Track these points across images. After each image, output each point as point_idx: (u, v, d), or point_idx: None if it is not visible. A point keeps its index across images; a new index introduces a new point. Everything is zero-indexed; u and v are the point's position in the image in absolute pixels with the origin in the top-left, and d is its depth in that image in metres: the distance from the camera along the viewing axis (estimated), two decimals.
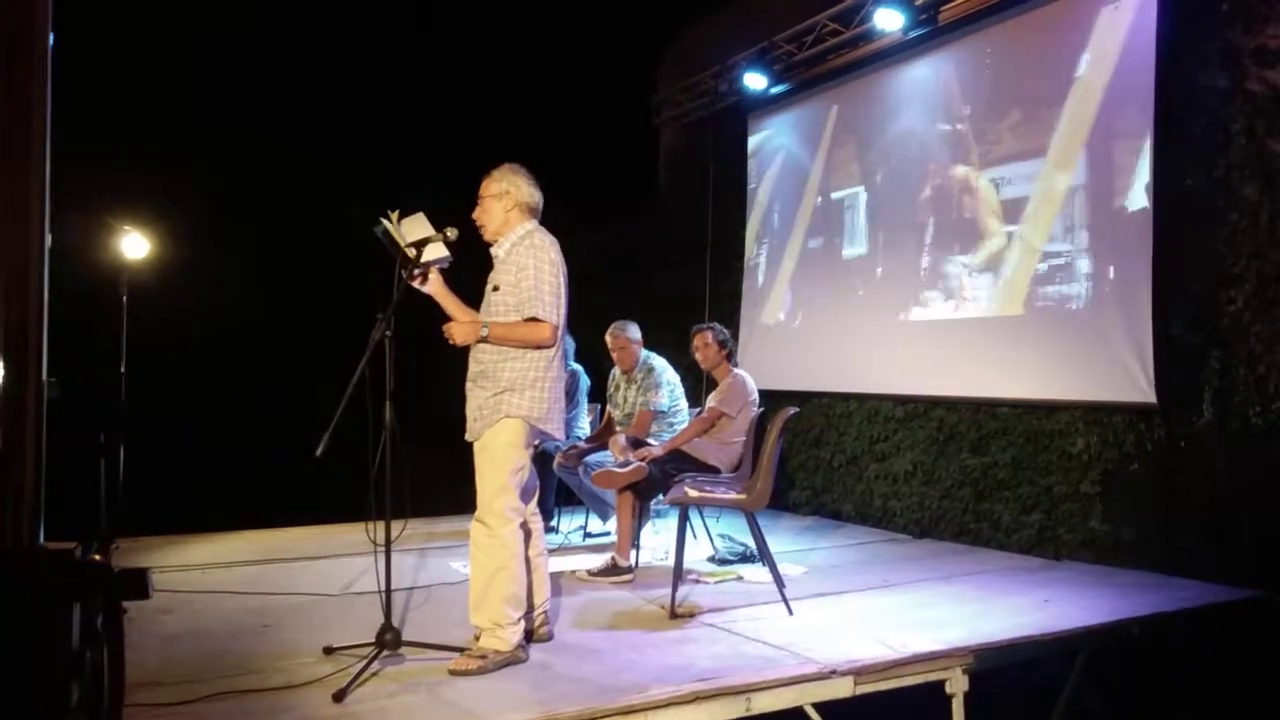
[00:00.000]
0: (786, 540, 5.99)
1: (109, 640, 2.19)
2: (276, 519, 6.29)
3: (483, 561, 3.45)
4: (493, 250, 3.66)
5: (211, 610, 4.23)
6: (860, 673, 3.32)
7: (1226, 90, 4.68)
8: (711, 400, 5.17)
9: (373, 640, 3.39)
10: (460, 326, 3.51)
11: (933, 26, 6.17)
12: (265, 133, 6.72)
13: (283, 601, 4.39)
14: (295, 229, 6.78)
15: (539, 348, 3.51)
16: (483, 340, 3.49)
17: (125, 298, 5.54)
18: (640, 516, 5.12)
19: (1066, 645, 3.82)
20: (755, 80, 7.39)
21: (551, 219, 3.72)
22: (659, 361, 5.63)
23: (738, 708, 3.11)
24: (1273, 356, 4.47)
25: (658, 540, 5.70)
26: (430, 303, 3.67)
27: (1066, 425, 5.35)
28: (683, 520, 4.47)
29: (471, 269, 3.76)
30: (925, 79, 6.35)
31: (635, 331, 5.67)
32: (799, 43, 7.15)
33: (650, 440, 5.24)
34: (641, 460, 4.93)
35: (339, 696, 3.03)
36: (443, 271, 3.65)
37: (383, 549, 3.43)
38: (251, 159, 6.65)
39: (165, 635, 3.80)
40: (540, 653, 3.56)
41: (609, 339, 5.69)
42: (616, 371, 5.78)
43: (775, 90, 7.49)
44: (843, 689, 3.29)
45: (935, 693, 3.49)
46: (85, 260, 5.48)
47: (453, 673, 3.30)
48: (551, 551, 4.26)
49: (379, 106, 7.17)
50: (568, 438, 5.48)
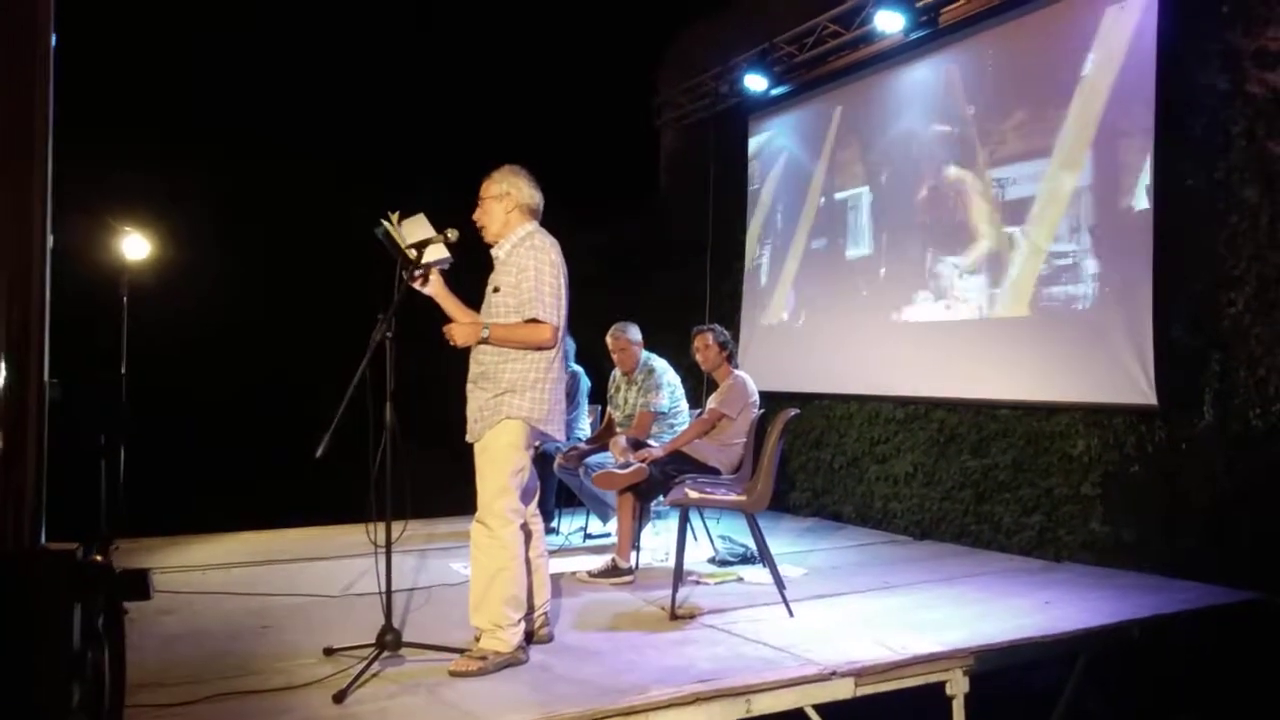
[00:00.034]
0: (787, 542, 5.99)
1: (110, 641, 2.19)
2: (277, 520, 6.29)
3: (483, 563, 3.46)
4: (493, 251, 3.66)
5: (212, 611, 4.24)
6: (861, 674, 3.33)
7: (1227, 92, 4.68)
8: (712, 402, 5.17)
9: (373, 641, 3.39)
10: (461, 328, 3.52)
11: (933, 29, 6.17)
12: (265, 133, 6.73)
13: (283, 602, 4.40)
14: (296, 229, 6.78)
15: (539, 349, 3.51)
16: (483, 342, 3.49)
17: (126, 298, 5.54)
18: (641, 518, 5.12)
19: (1067, 647, 3.83)
20: (756, 82, 7.39)
21: (552, 220, 3.72)
22: (659, 363, 5.63)
23: (738, 709, 3.11)
24: (1273, 359, 4.47)
25: (658, 541, 5.70)
26: (431, 304, 3.67)
27: (1067, 427, 5.35)
28: (683, 522, 4.47)
29: (472, 270, 3.76)
30: (929, 79, 6.34)
31: (636, 333, 5.67)
32: (800, 44, 7.15)
33: (651, 441, 5.24)
34: (642, 461, 4.93)
35: (339, 698, 3.03)
36: (443, 273, 3.65)
37: (383, 550, 3.43)
38: (252, 159, 6.65)
39: (166, 636, 3.80)
40: (540, 654, 3.56)
41: (609, 340, 5.69)
42: (617, 373, 5.78)
43: (776, 92, 7.49)
44: (843, 690, 3.29)
45: (936, 694, 3.49)
46: (86, 261, 5.48)
47: (453, 674, 3.30)
48: (552, 553, 4.26)
49: (379, 106, 7.17)
50: (568, 439, 5.48)
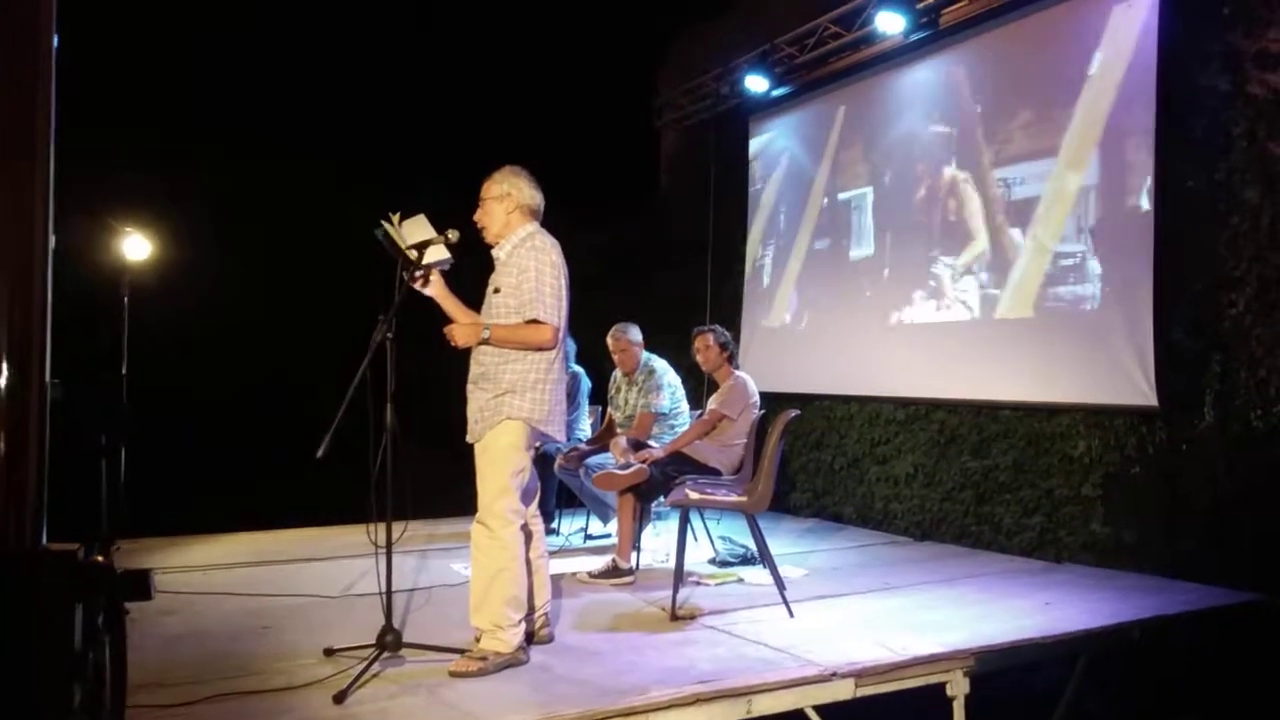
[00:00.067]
0: (787, 542, 5.99)
1: (111, 641, 2.19)
2: (277, 520, 6.29)
3: (483, 563, 3.45)
4: (494, 252, 3.66)
5: (212, 611, 4.24)
6: (861, 675, 3.33)
7: (1228, 93, 4.68)
8: (712, 402, 5.16)
9: (373, 642, 3.39)
10: (461, 328, 3.52)
11: (934, 30, 6.17)
12: (265, 133, 6.73)
13: (283, 603, 4.39)
14: (296, 229, 6.79)
15: (540, 350, 3.51)
16: (484, 342, 3.49)
17: (127, 299, 5.55)
18: (641, 518, 5.12)
19: (1068, 648, 3.82)
20: (756, 83, 7.39)
21: (552, 221, 3.72)
22: (660, 364, 5.63)
23: (738, 710, 3.11)
24: (1274, 360, 4.47)
25: (658, 542, 5.70)
26: (431, 304, 3.67)
27: (1068, 428, 5.35)
28: (683, 522, 4.47)
29: (472, 271, 3.76)
30: (933, 79, 6.33)
31: (636, 333, 5.67)
32: (800, 45, 7.16)
33: (651, 442, 5.24)
34: (642, 462, 4.93)
35: (339, 698, 3.03)
36: (444, 273, 3.65)
37: (383, 550, 3.43)
38: (252, 159, 6.65)
39: (166, 636, 3.80)
40: (541, 655, 3.56)
41: (610, 341, 5.69)
42: (617, 373, 5.78)
43: (777, 93, 7.50)
44: (843, 691, 3.29)
45: (936, 695, 3.49)
46: (87, 261, 5.48)
47: (453, 674, 3.30)
48: (552, 553, 4.25)
49: (379, 106, 7.18)
50: (569, 440, 5.48)
